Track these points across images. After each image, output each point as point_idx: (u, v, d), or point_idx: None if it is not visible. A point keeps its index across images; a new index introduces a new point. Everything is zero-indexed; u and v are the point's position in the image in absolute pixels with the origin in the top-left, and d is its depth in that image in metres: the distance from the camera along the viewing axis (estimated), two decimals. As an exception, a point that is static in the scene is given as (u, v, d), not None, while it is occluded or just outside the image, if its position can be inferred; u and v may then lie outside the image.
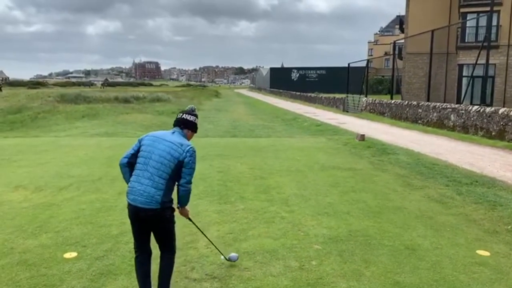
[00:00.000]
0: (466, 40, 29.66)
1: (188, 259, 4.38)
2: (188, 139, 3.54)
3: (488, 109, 14.82)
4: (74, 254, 4.49)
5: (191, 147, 3.42)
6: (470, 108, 15.87)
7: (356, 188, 7.41)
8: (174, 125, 3.58)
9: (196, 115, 3.64)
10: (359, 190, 7.28)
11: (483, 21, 26.87)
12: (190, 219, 3.74)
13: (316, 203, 6.47)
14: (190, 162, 3.38)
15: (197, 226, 4.12)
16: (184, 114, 3.59)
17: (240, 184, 7.63)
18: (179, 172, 3.36)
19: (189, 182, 3.43)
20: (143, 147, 3.47)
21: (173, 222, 3.47)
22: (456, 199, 6.75)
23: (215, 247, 4.28)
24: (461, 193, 7.08)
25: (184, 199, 3.50)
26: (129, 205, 3.36)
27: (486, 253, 4.63)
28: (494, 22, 26.69)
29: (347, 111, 29.27)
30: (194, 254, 4.52)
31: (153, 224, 3.39)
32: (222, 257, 4.31)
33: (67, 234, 5.10)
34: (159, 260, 3.51)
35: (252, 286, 3.83)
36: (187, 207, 3.60)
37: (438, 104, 18.61)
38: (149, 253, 3.53)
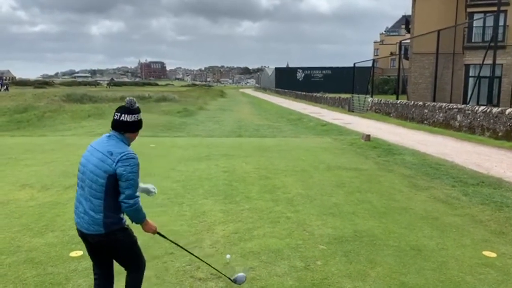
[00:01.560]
0: (472, 40, 29.49)
1: (193, 259, 4.37)
2: (131, 141, 2.97)
3: (494, 110, 14.73)
4: (80, 252, 4.51)
5: (124, 154, 2.76)
6: (477, 108, 15.78)
7: (361, 189, 7.39)
8: (112, 128, 2.92)
9: (136, 110, 2.92)
10: (365, 191, 7.26)
11: (490, 21, 26.70)
12: (160, 234, 3.15)
13: (321, 203, 6.46)
14: (125, 172, 2.72)
15: (176, 243, 3.49)
16: (123, 115, 2.86)
17: (245, 184, 7.63)
18: (117, 186, 2.76)
19: (131, 197, 2.76)
20: (81, 161, 2.94)
21: (130, 242, 2.95)
22: (462, 200, 6.72)
23: (201, 259, 3.73)
24: (467, 194, 7.04)
25: (133, 217, 2.88)
26: (76, 227, 2.94)
27: (493, 254, 4.60)
28: (501, 22, 26.51)
29: (353, 111, 29.20)
30: (199, 253, 4.51)
31: (105, 250, 2.92)
32: (228, 256, 4.31)
33: (73, 232, 5.08)
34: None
35: (257, 285, 3.83)
36: (150, 221, 3.02)
37: (444, 104, 18.52)
38: (110, 279, 3.11)
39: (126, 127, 2.87)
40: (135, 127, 2.92)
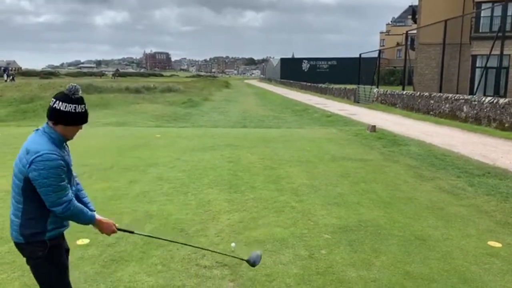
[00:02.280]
0: (480, 31, 29.16)
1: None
2: (67, 137, 2.46)
3: (501, 100, 14.63)
4: (86, 240, 4.55)
5: (38, 154, 2.26)
6: (483, 99, 15.67)
7: (366, 179, 7.39)
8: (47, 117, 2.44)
9: (76, 100, 2.41)
10: (370, 181, 7.25)
11: (498, 11, 26.35)
12: (124, 230, 2.85)
13: (326, 193, 6.46)
14: (38, 178, 2.25)
15: (153, 236, 3.17)
16: (57, 102, 2.36)
17: (250, 174, 7.65)
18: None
19: (56, 204, 2.32)
20: None
21: (47, 267, 2.43)
22: (468, 191, 6.70)
23: None
24: (473, 185, 7.02)
25: (75, 220, 2.48)
26: None
27: (498, 245, 4.60)
28: (509, 12, 26.11)
29: (358, 102, 29.09)
30: (204, 242, 4.55)
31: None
32: (233, 244, 4.34)
33: (80, 221, 5.16)
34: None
35: (262, 273, 3.85)
36: (104, 219, 2.63)
37: (450, 95, 18.40)
38: None
39: (58, 117, 2.35)
40: (70, 119, 2.37)
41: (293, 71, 78.43)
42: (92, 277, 3.78)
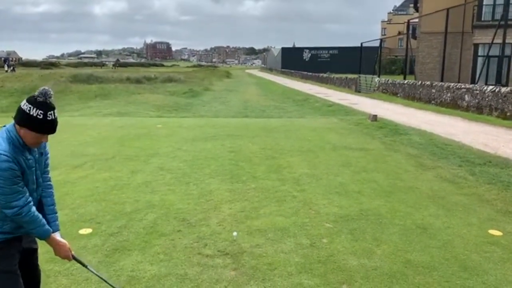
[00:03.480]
0: (482, 19, 28.92)
1: (201, 236, 4.44)
2: (29, 142, 2.31)
3: (503, 89, 14.57)
4: (89, 230, 4.58)
5: None
6: (485, 88, 15.61)
7: (367, 168, 7.40)
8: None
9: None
10: (371, 170, 7.27)
11: (500, -1, 26.17)
12: (77, 259, 2.62)
13: (327, 183, 6.48)
14: None
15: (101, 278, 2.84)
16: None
17: (251, 164, 7.66)
18: None
19: (6, 207, 2.25)
20: None
21: None
22: (469, 179, 6.71)
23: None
24: (474, 174, 7.02)
25: (28, 229, 2.37)
26: None
27: (498, 233, 4.62)
28: (512, 0, 25.97)
29: (360, 92, 29.00)
30: (206, 231, 4.58)
31: None
32: (234, 233, 4.37)
33: (82, 211, 5.19)
34: None
35: (264, 262, 3.88)
36: (61, 241, 2.51)
37: (452, 84, 18.33)
38: None
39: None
40: (37, 125, 2.25)
41: (294, 60, 78.12)
42: (95, 266, 3.79)
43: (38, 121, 2.24)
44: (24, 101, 2.31)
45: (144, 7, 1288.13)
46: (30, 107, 2.25)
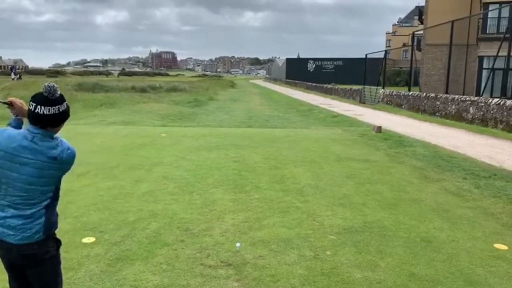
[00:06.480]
0: (487, 32, 28.99)
1: (204, 246, 4.42)
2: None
3: (508, 102, 14.53)
4: (92, 239, 4.57)
5: None
6: (490, 100, 15.58)
7: (372, 180, 7.37)
8: (31, 122, 2.35)
9: (57, 100, 2.33)
10: (375, 182, 7.23)
11: (505, 12, 26.22)
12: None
13: (331, 194, 6.45)
14: None
15: None
16: (39, 107, 2.28)
17: (255, 174, 7.65)
18: None
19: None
20: None
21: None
22: (474, 192, 6.67)
23: None
24: (479, 187, 6.98)
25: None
26: None
27: (504, 247, 4.57)
28: (517, 13, 26.01)
29: (364, 103, 29.00)
30: (209, 241, 4.56)
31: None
32: (238, 244, 4.35)
33: (85, 219, 5.19)
34: None
35: (267, 274, 3.85)
36: None
37: (456, 96, 18.31)
38: None
39: (47, 121, 2.31)
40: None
41: (298, 71, 78.25)
42: (97, 275, 3.79)
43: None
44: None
45: (145, 17, 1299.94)
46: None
